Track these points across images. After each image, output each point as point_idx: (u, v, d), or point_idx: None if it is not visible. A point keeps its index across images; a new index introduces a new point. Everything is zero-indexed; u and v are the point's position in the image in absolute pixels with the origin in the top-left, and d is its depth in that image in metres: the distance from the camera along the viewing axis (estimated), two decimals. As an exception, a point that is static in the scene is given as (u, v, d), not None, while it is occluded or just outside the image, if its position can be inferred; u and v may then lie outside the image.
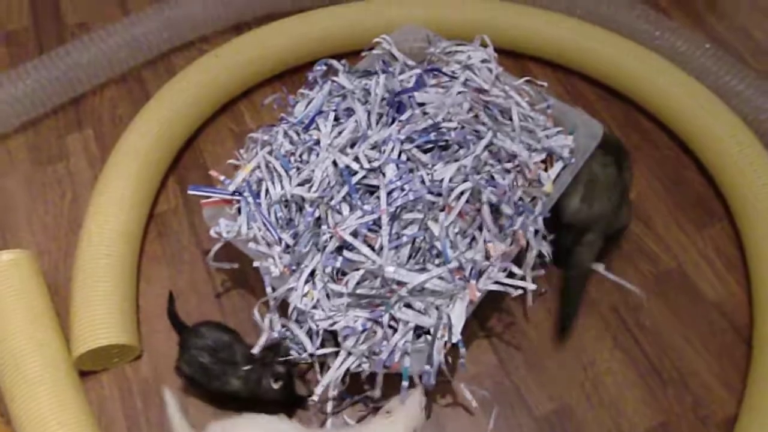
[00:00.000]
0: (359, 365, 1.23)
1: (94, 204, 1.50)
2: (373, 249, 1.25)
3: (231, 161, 1.47)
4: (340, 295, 1.24)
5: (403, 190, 1.27)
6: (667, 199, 1.65)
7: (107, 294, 1.36)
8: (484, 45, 1.59)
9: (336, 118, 1.41)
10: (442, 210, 1.27)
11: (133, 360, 1.40)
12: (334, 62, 1.51)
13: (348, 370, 1.24)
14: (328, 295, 1.25)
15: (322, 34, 1.84)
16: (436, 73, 1.50)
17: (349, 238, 1.24)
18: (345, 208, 1.28)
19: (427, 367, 1.20)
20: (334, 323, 1.23)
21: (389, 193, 1.26)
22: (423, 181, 1.28)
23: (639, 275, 1.54)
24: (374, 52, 1.58)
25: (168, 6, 1.87)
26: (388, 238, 1.24)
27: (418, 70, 1.49)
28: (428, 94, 1.40)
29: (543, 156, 1.45)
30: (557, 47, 1.85)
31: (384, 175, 1.29)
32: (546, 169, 1.45)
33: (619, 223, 1.45)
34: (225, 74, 1.76)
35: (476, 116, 1.41)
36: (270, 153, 1.37)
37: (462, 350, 1.24)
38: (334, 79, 1.46)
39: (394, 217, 1.26)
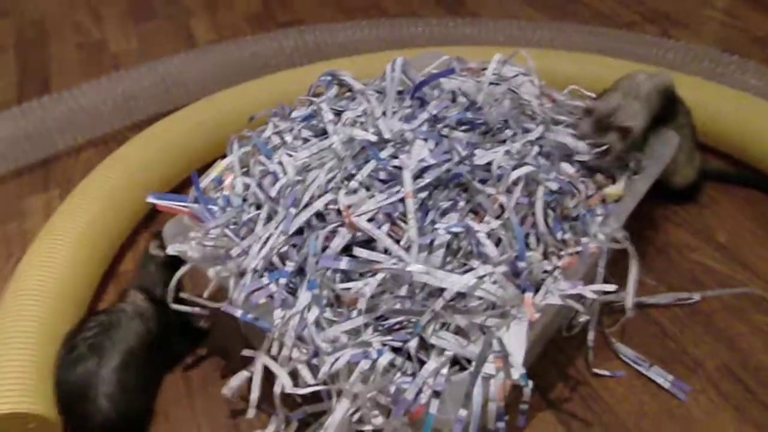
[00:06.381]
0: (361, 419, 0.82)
1: (28, 256, 1.18)
2: (397, 243, 0.89)
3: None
4: (346, 314, 0.86)
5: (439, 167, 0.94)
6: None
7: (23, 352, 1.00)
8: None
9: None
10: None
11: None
12: (343, 71, 1.23)
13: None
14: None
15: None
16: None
17: (366, 226, 0.89)
18: (361, 193, 0.94)
19: (462, 413, 0.78)
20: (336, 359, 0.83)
21: (418, 176, 0.93)
22: (463, 162, 0.95)
23: (752, 328, 1.14)
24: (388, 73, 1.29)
25: (163, 65, 1.67)
26: (416, 230, 0.89)
27: (444, 57, 1.22)
28: (458, 81, 1.12)
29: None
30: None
31: (409, 153, 0.96)
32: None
33: None
34: (212, 125, 1.48)
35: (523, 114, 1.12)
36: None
37: (527, 390, 0.82)
38: (342, 77, 1.18)
39: (425, 207, 0.92)
